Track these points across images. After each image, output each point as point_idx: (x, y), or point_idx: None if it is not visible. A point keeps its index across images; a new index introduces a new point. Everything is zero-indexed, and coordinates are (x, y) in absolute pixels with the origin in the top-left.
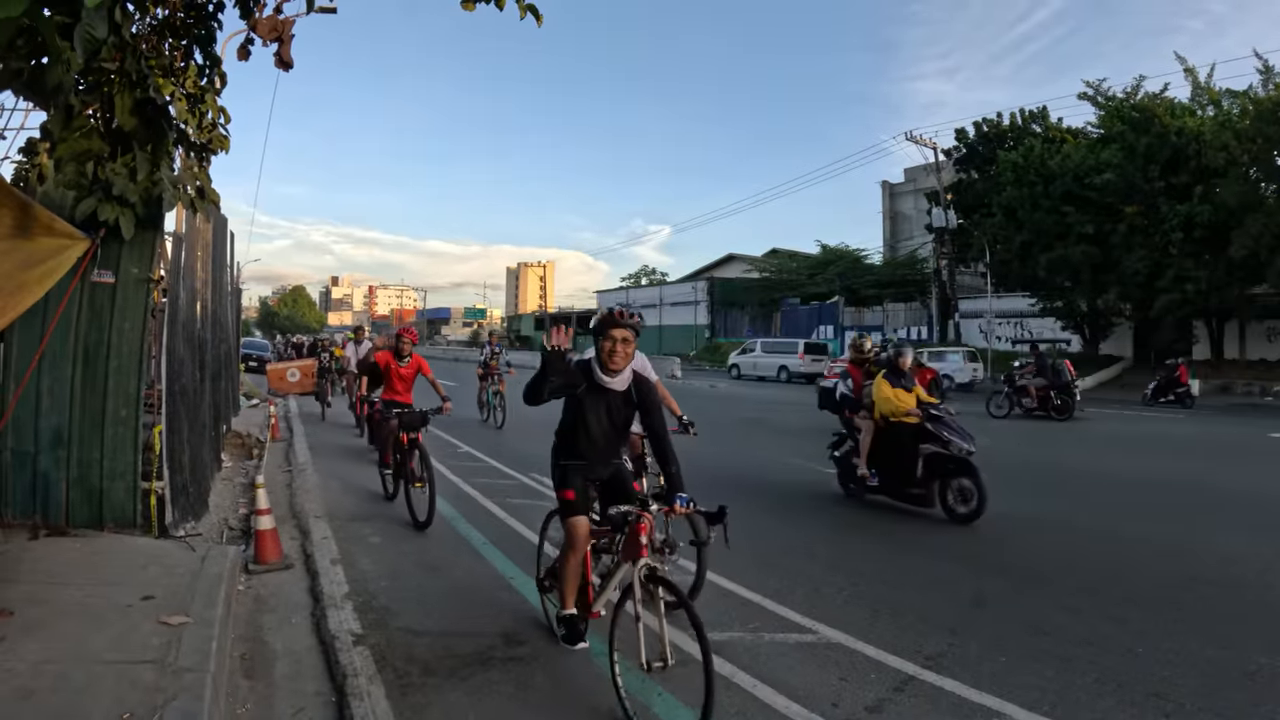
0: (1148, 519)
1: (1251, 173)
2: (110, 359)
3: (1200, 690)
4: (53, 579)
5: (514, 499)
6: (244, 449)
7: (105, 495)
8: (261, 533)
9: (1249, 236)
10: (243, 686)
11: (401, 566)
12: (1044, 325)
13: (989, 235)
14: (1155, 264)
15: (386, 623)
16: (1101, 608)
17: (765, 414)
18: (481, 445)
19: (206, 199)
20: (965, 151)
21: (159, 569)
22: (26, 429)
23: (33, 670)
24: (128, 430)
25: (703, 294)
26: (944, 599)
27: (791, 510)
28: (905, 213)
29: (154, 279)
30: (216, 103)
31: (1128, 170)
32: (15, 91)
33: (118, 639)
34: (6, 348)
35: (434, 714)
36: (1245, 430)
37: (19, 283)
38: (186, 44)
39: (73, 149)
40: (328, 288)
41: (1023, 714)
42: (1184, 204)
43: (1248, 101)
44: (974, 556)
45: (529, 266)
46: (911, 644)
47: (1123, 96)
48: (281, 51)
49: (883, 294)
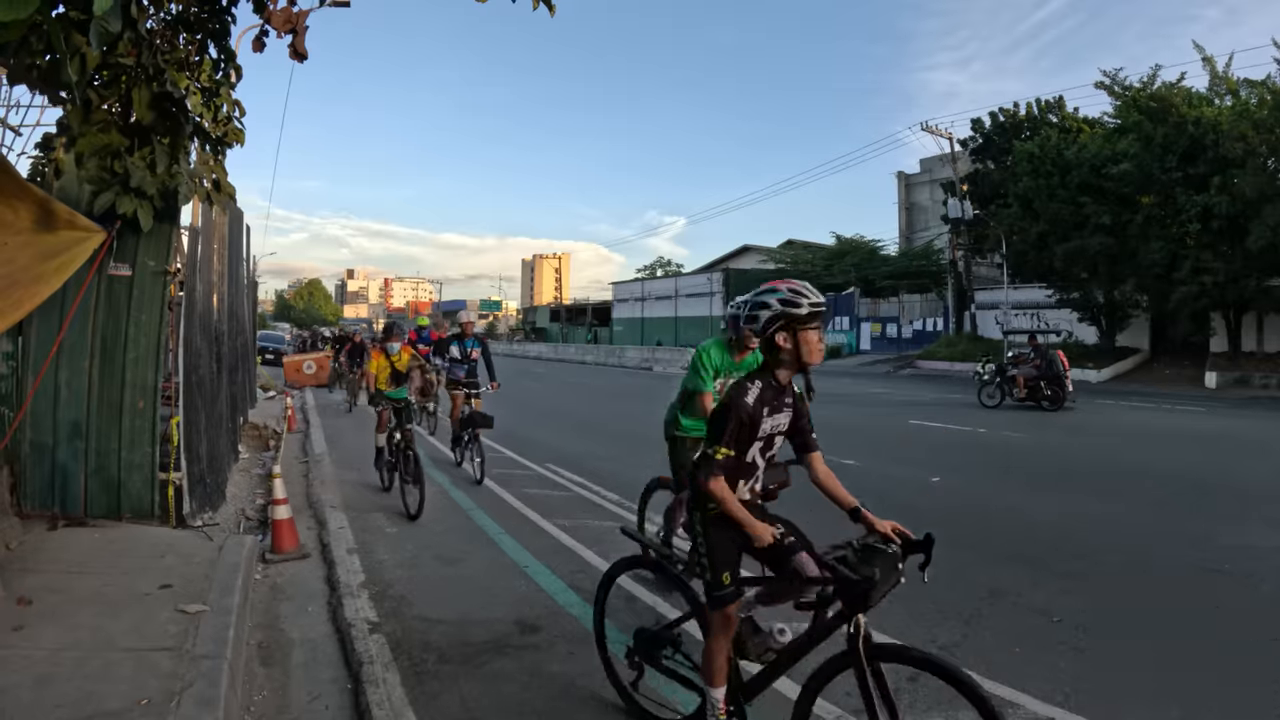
0: (1156, 510)
1: (1270, 163)
2: (128, 351)
3: (1215, 683)
4: (71, 568)
5: (530, 489)
6: (261, 440)
7: (123, 486)
8: (278, 522)
9: (1267, 227)
10: (259, 673)
11: (417, 556)
12: (1060, 317)
13: (1005, 226)
14: (1172, 255)
15: (402, 611)
16: (1115, 598)
17: None
18: (496, 436)
19: (222, 192)
20: (981, 142)
21: (176, 558)
22: (45, 421)
23: (51, 657)
24: (145, 422)
25: (718, 285)
26: (957, 588)
27: (800, 500)
28: (921, 204)
29: (171, 272)
30: (231, 96)
31: (1145, 160)
32: (30, 86)
33: (135, 626)
34: (25, 341)
35: (449, 701)
36: (1262, 424)
37: (36, 274)
38: (201, 38)
39: (92, 143)
40: (343, 281)
41: (1037, 705)
42: (1201, 195)
43: (1266, 91)
44: (987, 546)
45: (544, 258)
46: (925, 633)
47: (1139, 86)
48: (296, 43)
49: (898, 285)
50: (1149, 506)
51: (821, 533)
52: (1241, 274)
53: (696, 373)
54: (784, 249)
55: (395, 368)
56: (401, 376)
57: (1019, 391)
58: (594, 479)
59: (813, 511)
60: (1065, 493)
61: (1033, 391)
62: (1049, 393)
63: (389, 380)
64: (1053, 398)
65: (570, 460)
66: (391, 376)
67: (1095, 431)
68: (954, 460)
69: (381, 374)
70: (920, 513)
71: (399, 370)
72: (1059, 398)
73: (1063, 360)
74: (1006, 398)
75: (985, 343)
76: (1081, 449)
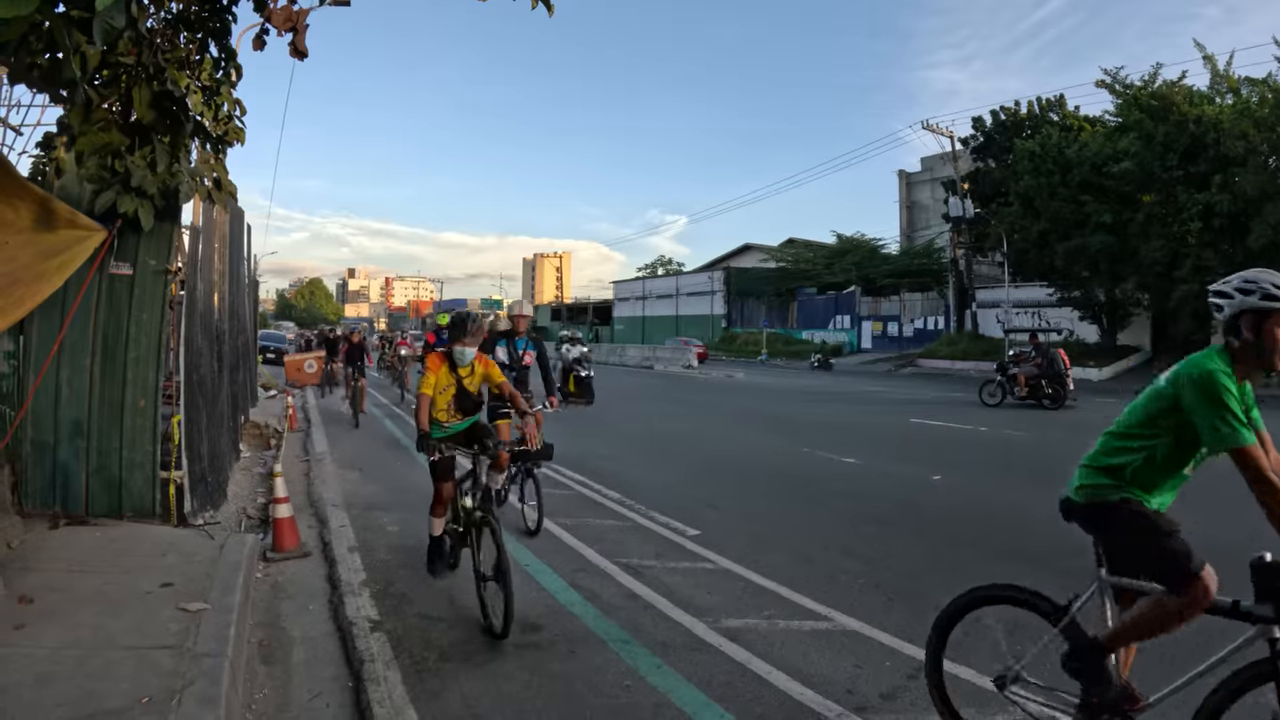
0: None
1: (1271, 161)
2: (129, 350)
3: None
4: (72, 567)
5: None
6: (262, 439)
7: (124, 485)
8: (279, 521)
9: (1268, 226)
10: (260, 671)
11: (419, 554)
12: (1061, 315)
13: (1006, 224)
14: (1173, 254)
15: (403, 609)
16: None
17: (790, 406)
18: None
19: (223, 191)
20: (982, 140)
21: (178, 557)
22: (46, 420)
23: (52, 655)
24: (146, 420)
25: (719, 284)
26: (959, 586)
27: (804, 498)
28: (922, 202)
29: (172, 271)
30: (232, 95)
31: (1146, 159)
32: (31, 85)
33: (137, 625)
34: (26, 339)
35: (449, 699)
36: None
37: (37, 273)
38: (202, 37)
39: (93, 142)
40: (344, 280)
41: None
42: (1202, 193)
43: (1267, 89)
44: (988, 544)
45: (545, 257)
46: (926, 631)
47: (1140, 85)
48: (296, 41)
49: (899, 284)
50: None
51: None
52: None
53: (1220, 414)
54: (785, 247)
55: (465, 387)
56: (475, 402)
57: (1020, 390)
58: (595, 478)
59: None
60: (1062, 488)
61: (1034, 390)
62: (1050, 391)
63: (453, 406)
64: (1054, 396)
65: (571, 459)
66: (457, 401)
67: (1096, 430)
68: (955, 458)
69: (442, 396)
70: (921, 511)
71: (471, 392)
72: (1060, 396)
73: (1064, 358)
74: (1008, 396)
75: (986, 341)
76: (1083, 447)
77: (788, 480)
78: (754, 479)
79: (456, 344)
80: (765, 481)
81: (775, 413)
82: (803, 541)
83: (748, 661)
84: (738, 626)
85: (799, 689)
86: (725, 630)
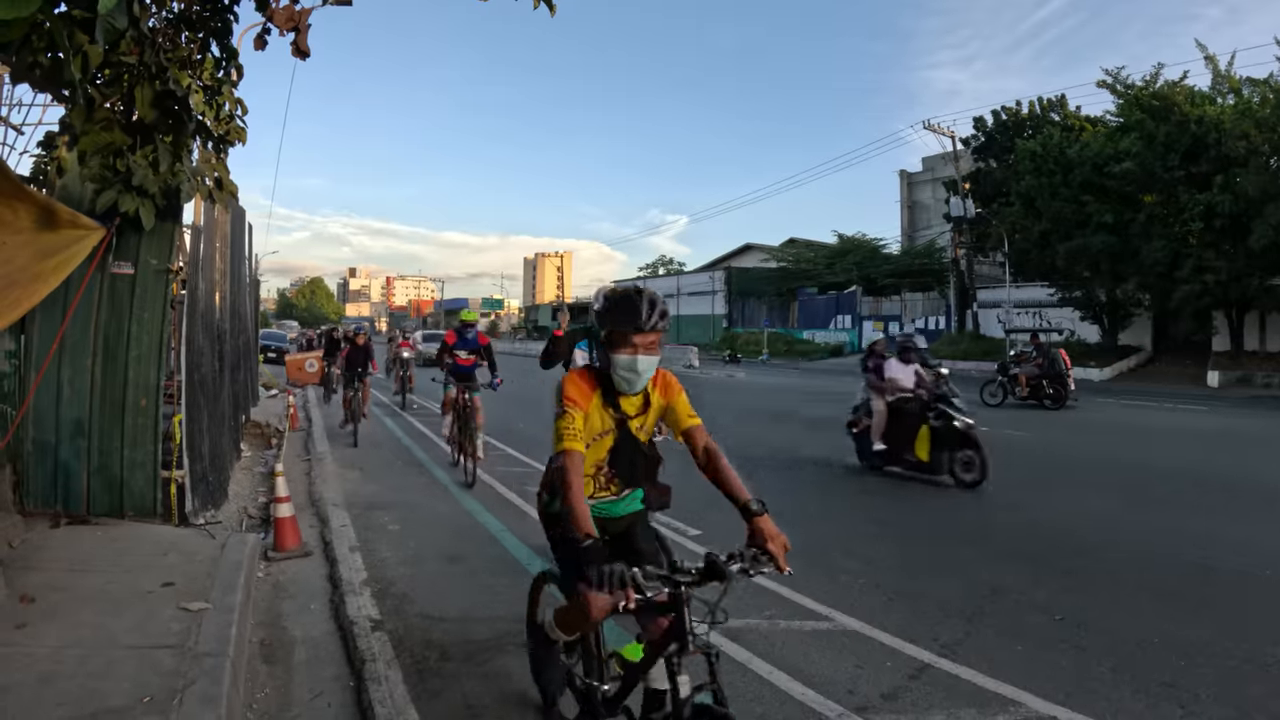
0: (1157, 508)
1: (1272, 162)
2: (130, 349)
3: (1216, 682)
4: (74, 566)
5: (531, 486)
6: (263, 438)
7: (125, 484)
8: (281, 520)
9: (1269, 226)
10: (262, 671)
11: (420, 553)
12: (1063, 315)
13: (1007, 224)
14: (1175, 254)
15: (404, 609)
16: (1117, 597)
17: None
18: (498, 433)
19: (225, 190)
20: (983, 140)
21: (179, 556)
22: (47, 419)
23: (53, 655)
24: (148, 420)
25: (720, 284)
26: (959, 586)
27: (806, 497)
28: (923, 202)
29: (173, 270)
30: (233, 94)
31: (1147, 159)
32: (32, 85)
33: (138, 624)
34: (27, 339)
35: (451, 698)
36: (1264, 422)
37: (34, 273)
38: (203, 37)
39: (95, 142)
40: (345, 279)
41: (1038, 703)
42: (1204, 193)
43: (1268, 90)
44: (989, 544)
45: (546, 257)
46: (927, 631)
47: (1142, 85)
48: (299, 41)
49: (900, 284)
50: (1150, 504)
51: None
52: (1244, 273)
53: None
54: (786, 247)
55: (632, 433)
56: (650, 461)
57: (1021, 390)
58: None
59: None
60: (1067, 490)
61: (1035, 390)
62: (1051, 391)
63: (606, 472)
64: (1055, 396)
65: None
66: (615, 460)
67: (1097, 430)
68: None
69: (592, 451)
70: (922, 511)
71: (641, 442)
72: (1061, 396)
73: (1065, 359)
74: (1009, 396)
75: (987, 341)
76: (1083, 447)
77: (788, 480)
78: (754, 479)
79: (621, 349)
80: (765, 481)
81: (776, 411)
82: (804, 541)
83: (748, 661)
84: (738, 626)
85: (800, 689)
86: (726, 630)
